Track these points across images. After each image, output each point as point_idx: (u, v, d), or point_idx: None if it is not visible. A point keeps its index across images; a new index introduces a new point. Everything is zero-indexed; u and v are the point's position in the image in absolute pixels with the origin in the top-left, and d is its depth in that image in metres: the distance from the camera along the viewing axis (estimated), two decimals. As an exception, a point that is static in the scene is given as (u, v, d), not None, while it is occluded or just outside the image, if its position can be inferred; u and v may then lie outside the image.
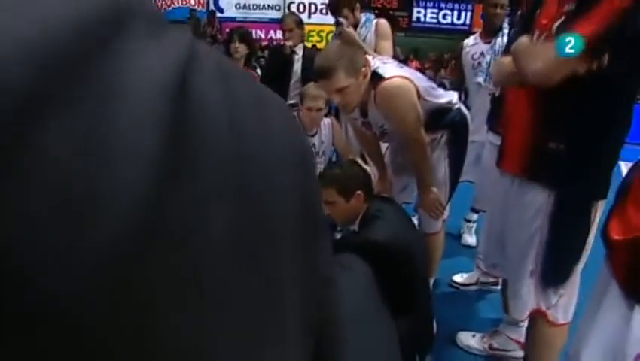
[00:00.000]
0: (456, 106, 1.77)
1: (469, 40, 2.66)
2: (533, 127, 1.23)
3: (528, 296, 1.33)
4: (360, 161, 2.00)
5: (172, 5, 10.10)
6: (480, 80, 2.48)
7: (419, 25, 11.43)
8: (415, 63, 9.91)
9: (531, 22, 1.24)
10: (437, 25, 11.36)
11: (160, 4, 9.95)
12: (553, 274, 1.29)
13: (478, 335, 1.79)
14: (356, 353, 0.76)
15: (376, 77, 1.53)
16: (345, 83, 1.49)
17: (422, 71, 9.54)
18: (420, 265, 1.53)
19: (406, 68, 1.68)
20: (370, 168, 2.20)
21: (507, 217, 1.38)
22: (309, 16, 10.23)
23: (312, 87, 2.08)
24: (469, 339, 1.79)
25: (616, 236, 0.87)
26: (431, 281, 2.00)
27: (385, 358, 1.06)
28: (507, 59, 1.25)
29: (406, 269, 1.42)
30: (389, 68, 1.56)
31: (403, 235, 1.47)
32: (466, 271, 2.25)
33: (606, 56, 1.05)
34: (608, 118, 1.14)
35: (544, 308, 1.32)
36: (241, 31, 2.98)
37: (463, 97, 2.51)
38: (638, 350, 0.77)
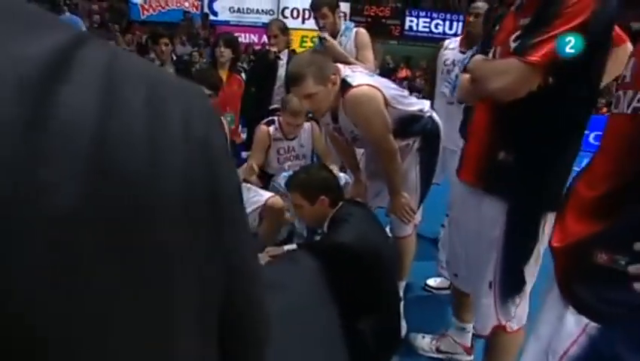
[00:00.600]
0: (427, 114, 1.81)
1: (449, 43, 2.50)
2: (488, 137, 1.25)
3: (489, 311, 1.34)
4: (334, 167, 2.03)
5: (167, 7, 10.10)
6: (446, 90, 2.40)
7: (411, 33, 11.57)
8: (405, 71, 10.01)
9: (491, 38, 1.26)
10: (429, 35, 11.48)
11: (154, 6, 9.97)
12: (510, 286, 1.30)
13: (428, 337, 1.82)
14: (286, 340, 0.79)
15: (345, 85, 1.58)
16: (313, 90, 1.54)
17: (412, 79, 9.64)
18: (388, 268, 1.57)
19: (375, 77, 1.73)
20: (346, 173, 2.24)
21: (467, 228, 1.39)
22: (303, 22, 10.26)
23: (294, 101, 2.10)
24: (418, 340, 1.82)
25: (555, 243, 0.88)
26: (404, 284, 2.03)
27: (322, 347, 1.09)
28: (466, 77, 1.27)
29: (373, 271, 1.45)
30: (358, 77, 1.61)
31: (371, 238, 1.50)
32: (440, 276, 2.28)
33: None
34: (556, 132, 1.15)
35: (503, 322, 1.34)
36: (227, 36, 3.04)
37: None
38: (567, 344, 0.80)
